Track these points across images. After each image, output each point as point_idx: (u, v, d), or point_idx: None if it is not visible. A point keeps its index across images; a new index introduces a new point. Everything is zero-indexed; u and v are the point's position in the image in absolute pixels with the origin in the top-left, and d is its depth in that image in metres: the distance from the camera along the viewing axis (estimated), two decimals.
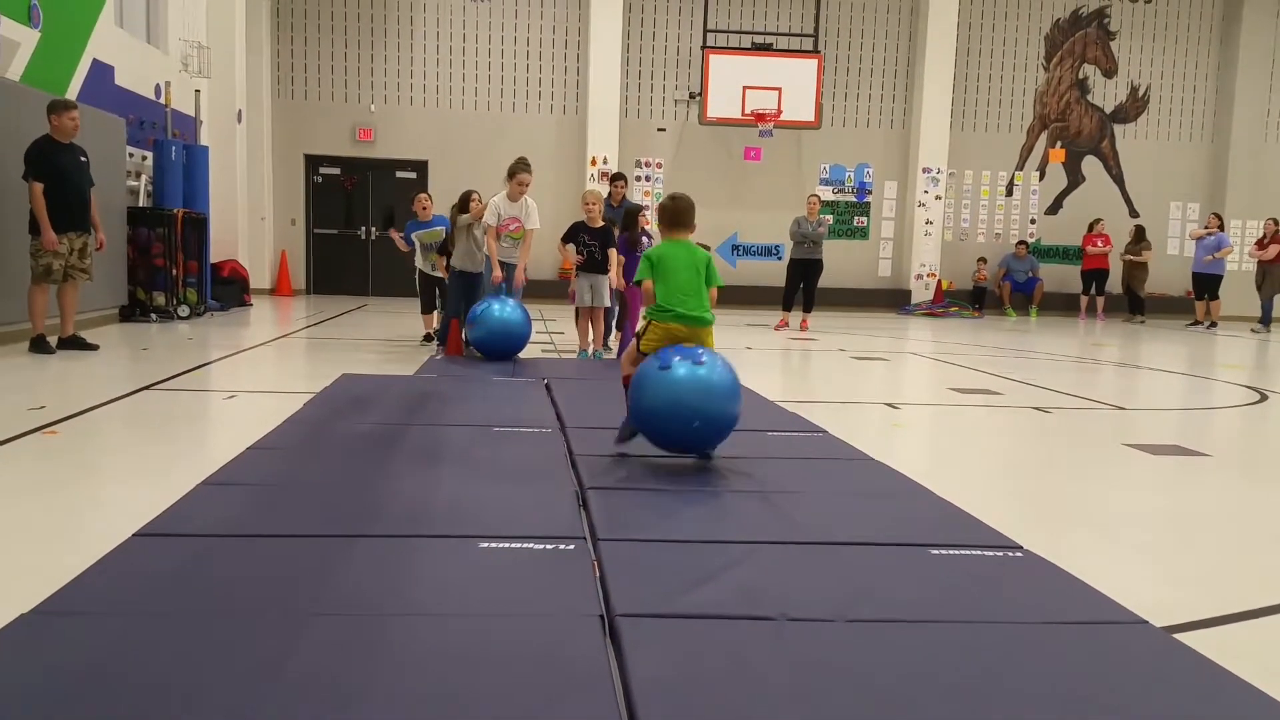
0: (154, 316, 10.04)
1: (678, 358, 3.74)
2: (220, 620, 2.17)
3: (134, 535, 2.69)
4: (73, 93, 8.94)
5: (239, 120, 13.16)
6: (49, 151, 7.00)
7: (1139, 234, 15.61)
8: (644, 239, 8.25)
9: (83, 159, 7.26)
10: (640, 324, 4.34)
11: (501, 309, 7.06)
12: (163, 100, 11.08)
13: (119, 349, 7.75)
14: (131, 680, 1.86)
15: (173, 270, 10.23)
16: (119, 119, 9.64)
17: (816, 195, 12.70)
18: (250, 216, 13.97)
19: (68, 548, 2.71)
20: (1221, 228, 14.50)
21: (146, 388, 5.73)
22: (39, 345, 7.04)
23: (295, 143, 15.26)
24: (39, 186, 6.91)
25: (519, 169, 7.45)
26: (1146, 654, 2.18)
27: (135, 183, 10.36)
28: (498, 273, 7.25)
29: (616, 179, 9.16)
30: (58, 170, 6.99)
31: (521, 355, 7.32)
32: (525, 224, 7.47)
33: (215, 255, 11.90)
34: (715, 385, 3.70)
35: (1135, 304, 15.41)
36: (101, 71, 9.56)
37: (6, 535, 2.92)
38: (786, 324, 11.81)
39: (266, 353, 8.07)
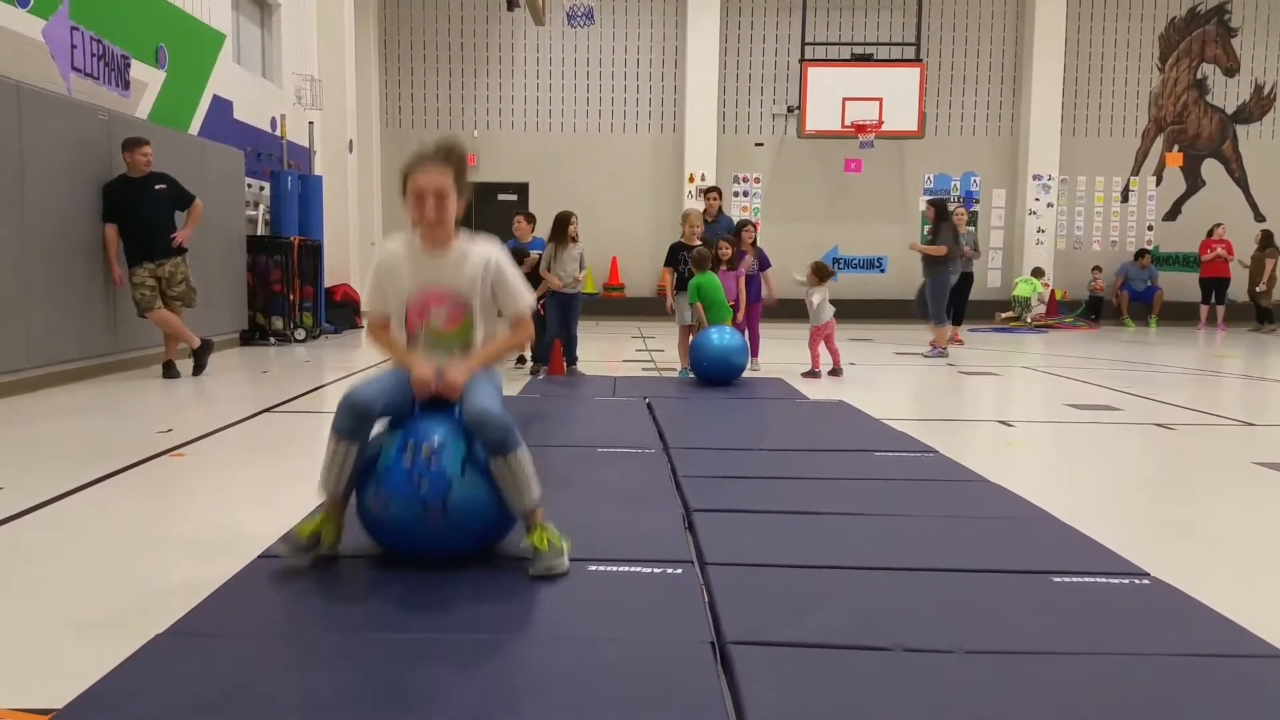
0: (272, 340, 10.46)
1: (715, 332, 7.07)
2: (344, 645, 2.24)
3: (260, 556, 2.79)
4: (195, 128, 9.41)
5: (350, 150, 13.63)
6: (118, 190, 7.24)
7: (1266, 239, 14.81)
8: (744, 255, 8.21)
9: (159, 187, 7.34)
10: (694, 320, 7.44)
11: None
12: (278, 132, 11.56)
13: (240, 372, 8.09)
14: (261, 703, 1.93)
15: (290, 296, 10.64)
16: (238, 151, 10.08)
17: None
18: (361, 242, 14.45)
19: (197, 568, 2.83)
20: None
21: (267, 410, 5.97)
22: (167, 370, 7.40)
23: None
24: (111, 228, 7.22)
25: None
26: None
27: (254, 212, 10.82)
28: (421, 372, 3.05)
29: (710, 192, 9.02)
30: (127, 207, 7.22)
31: (621, 374, 7.35)
32: (472, 303, 3.03)
33: (329, 280, 12.34)
34: (735, 345, 7.06)
35: (1263, 313, 14.62)
36: (221, 107, 10.04)
37: (139, 556, 3.06)
38: (959, 339, 11.66)
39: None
